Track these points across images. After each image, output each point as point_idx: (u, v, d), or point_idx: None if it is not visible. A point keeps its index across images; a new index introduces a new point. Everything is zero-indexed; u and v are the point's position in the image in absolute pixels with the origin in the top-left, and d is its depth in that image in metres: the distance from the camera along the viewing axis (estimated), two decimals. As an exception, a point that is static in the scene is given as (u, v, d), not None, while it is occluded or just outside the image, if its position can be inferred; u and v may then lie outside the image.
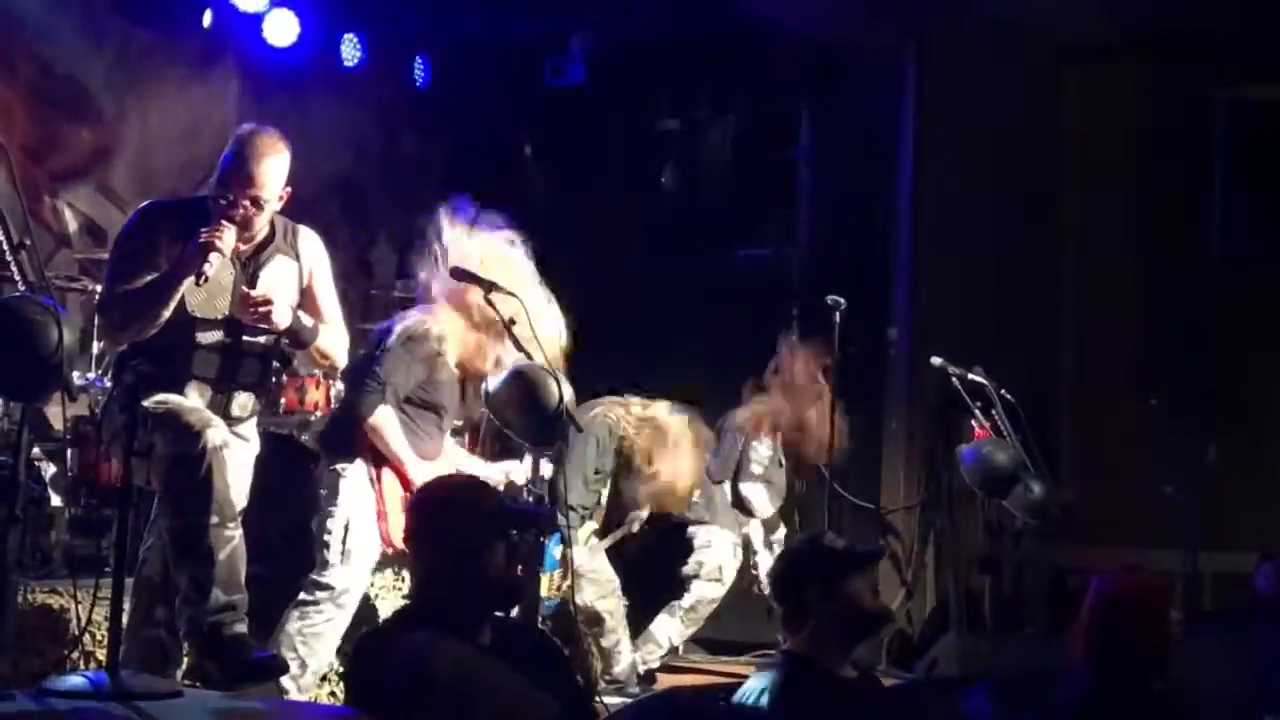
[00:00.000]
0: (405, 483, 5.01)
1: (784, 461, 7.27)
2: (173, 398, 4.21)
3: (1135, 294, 8.63)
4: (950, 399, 7.28)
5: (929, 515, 8.09)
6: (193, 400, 4.28)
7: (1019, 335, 8.18)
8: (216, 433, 4.09)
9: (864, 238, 8.57)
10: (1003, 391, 6.99)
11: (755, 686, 3.77)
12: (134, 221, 4.37)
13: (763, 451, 7.17)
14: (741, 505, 7.18)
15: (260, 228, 4.39)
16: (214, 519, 4.03)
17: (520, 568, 3.57)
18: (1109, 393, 8.50)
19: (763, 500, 7.14)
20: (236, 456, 4.27)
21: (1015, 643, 6.59)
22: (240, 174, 4.26)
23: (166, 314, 4.17)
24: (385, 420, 4.98)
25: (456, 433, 6.03)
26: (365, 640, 3.68)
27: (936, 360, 7.04)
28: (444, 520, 3.48)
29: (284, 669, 4.43)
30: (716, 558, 7.15)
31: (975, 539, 7.45)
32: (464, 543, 3.41)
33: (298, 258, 4.55)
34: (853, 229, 8.62)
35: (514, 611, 4.00)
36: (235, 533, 4.12)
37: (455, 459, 5.35)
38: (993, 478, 6.78)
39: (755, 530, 7.21)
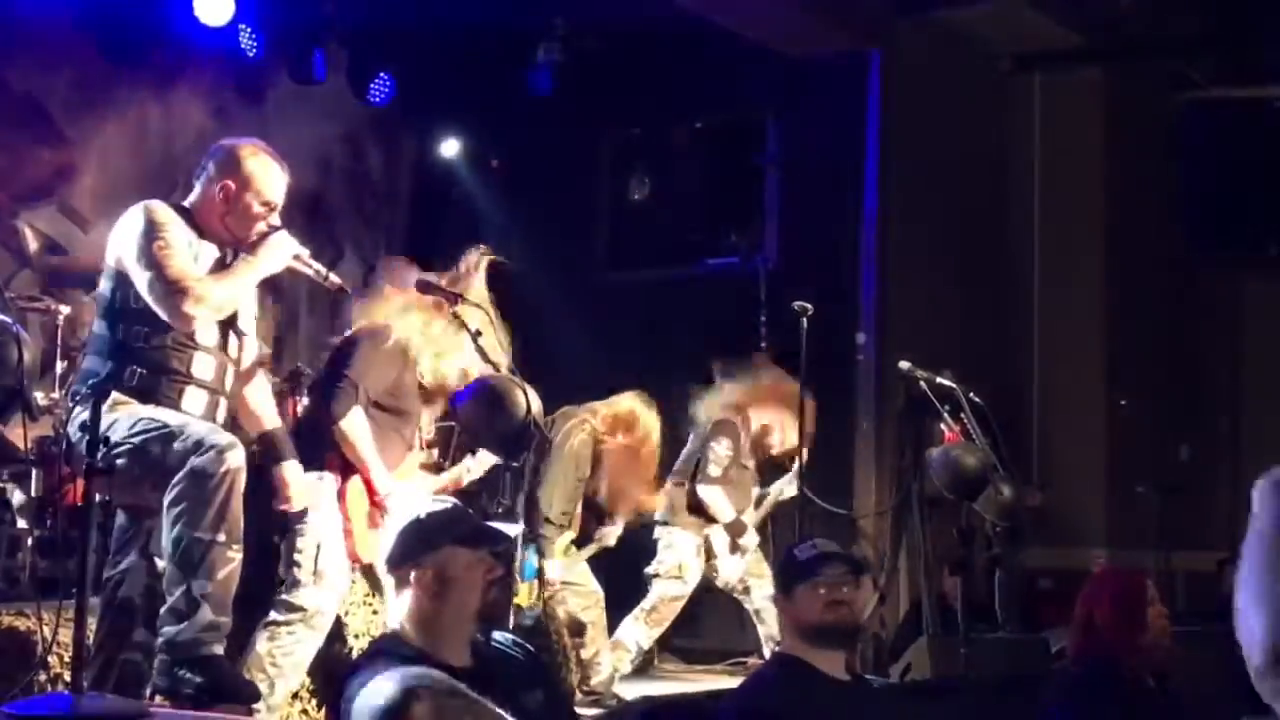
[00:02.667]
0: (371, 491, 4.98)
1: (747, 464, 7.24)
2: (188, 418, 4.20)
3: (1103, 295, 8.68)
4: (919, 403, 7.28)
5: (900, 519, 8.10)
6: (191, 405, 4.27)
7: (987, 338, 8.21)
8: (238, 454, 4.07)
9: (831, 244, 8.59)
10: (971, 394, 6.99)
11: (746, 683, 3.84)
12: (157, 217, 4.30)
13: (720, 452, 7.10)
14: (699, 509, 7.14)
15: None
16: (221, 537, 4.01)
17: (498, 586, 3.55)
18: (1078, 394, 8.55)
19: (721, 503, 7.08)
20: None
21: (988, 645, 6.58)
22: (270, 184, 4.41)
23: None
24: (356, 422, 4.92)
25: (430, 445, 6.00)
26: (348, 675, 3.60)
27: (904, 364, 7.04)
28: (421, 543, 3.45)
29: (257, 698, 4.37)
30: (676, 556, 7.13)
31: (946, 542, 7.45)
32: (442, 564, 3.38)
33: None
34: (820, 236, 8.64)
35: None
36: (237, 556, 4.09)
37: (411, 468, 5.30)
38: (962, 481, 6.77)
39: (717, 534, 7.15)
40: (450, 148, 9.40)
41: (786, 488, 7.24)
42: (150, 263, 4.18)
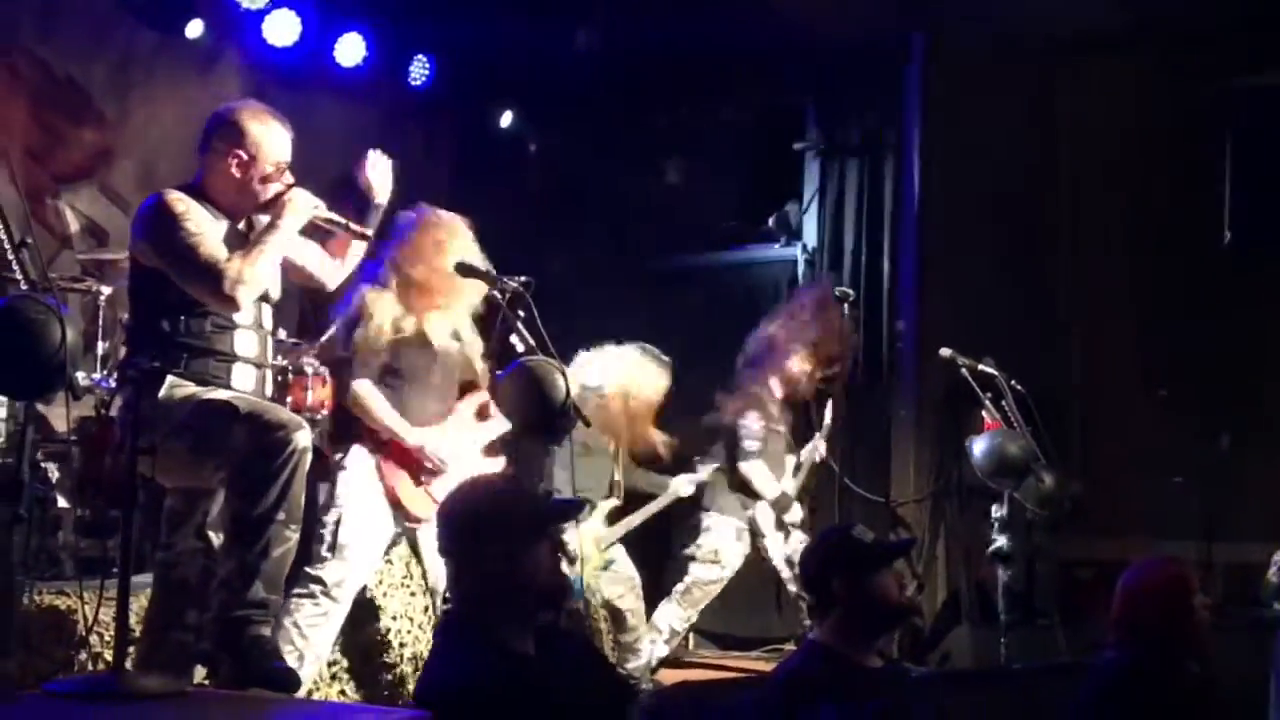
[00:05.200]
0: (407, 457, 5.06)
1: (780, 428, 7.21)
2: (254, 398, 4.23)
3: (1145, 284, 8.58)
4: (959, 391, 7.24)
5: (939, 507, 8.06)
6: (241, 382, 4.29)
7: (1028, 326, 8.14)
8: (304, 435, 4.09)
9: (871, 231, 8.54)
10: (1013, 382, 6.95)
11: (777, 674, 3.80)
12: (176, 208, 4.27)
13: (753, 427, 7.10)
14: (744, 488, 7.12)
15: None
16: (281, 515, 4.02)
17: (562, 565, 3.48)
18: (1119, 383, 8.46)
19: (763, 479, 7.07)
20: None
21: (1027, 635, 6.54)
22: (279, 145, 4.40)
23: None
24: (364, 391, 5.08)
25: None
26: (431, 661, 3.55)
27: (945, 352, 7.00)
28: (484, 529, 3.32)
29: (296, 687, 4.38)
30: (713, 541, 7.14)
31: (985, 531, 7.41)
32: (508, 549, 3.27)
33: None
34: (859, 222, 8.59)
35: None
36: (294, 536, 4.11)
37: (461, 422, 5.35)
38: (1003, 469, 6.73)
39: (763, 512, 7.13)
40: (490, 131, 9.37)
41: (821, 443, 7.19)
42: (180, 254, 4.17)
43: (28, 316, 3.58)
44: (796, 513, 7.15)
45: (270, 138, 4.39)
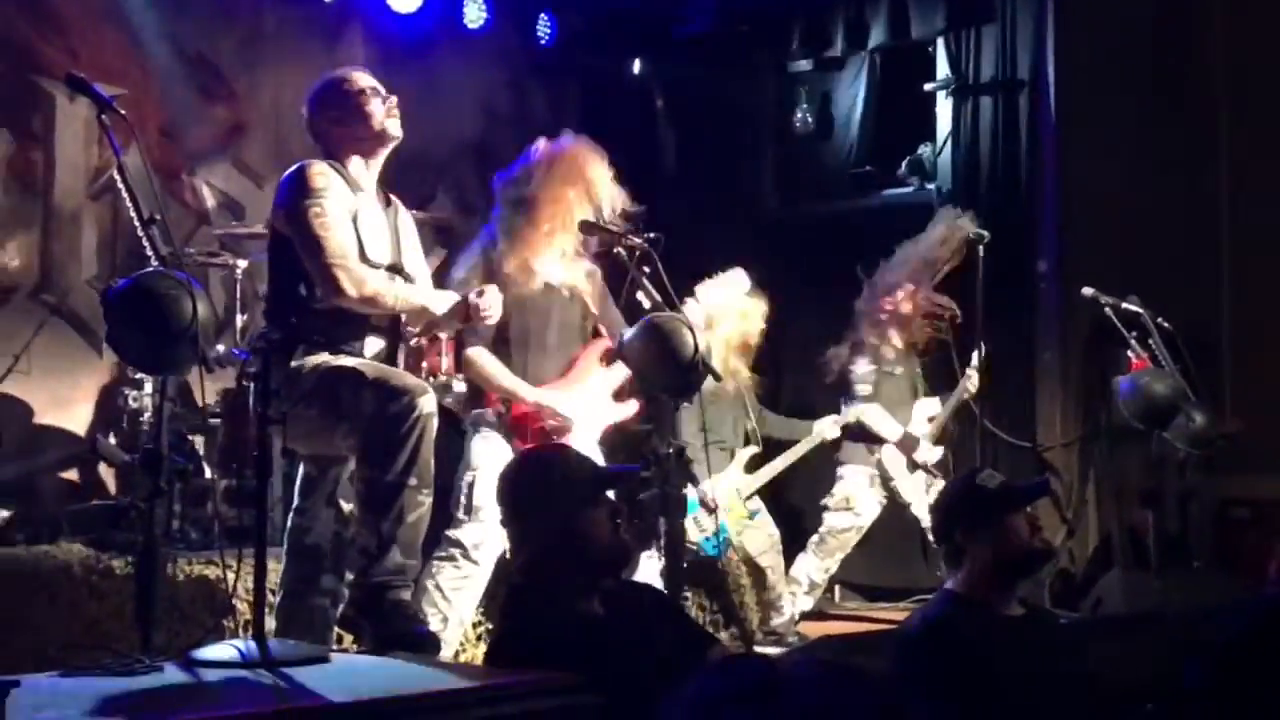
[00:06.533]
0: (531, 418, 5.06)
1: (895, 370, 7.08)
2: (380, 365, 4.26)
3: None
4: (1104, 330, 7.05)
5: (1088, 451, 7.87)
6: (372, 350, 4.33)
7: (1176, 261, 7.88)
8: (429, 399, 4.10)
9: (1007, 170, 8.33)
10: (1159, 319, 6.75)
11: (913, 625, 3.73)
12: (316, 181, 4.30)
13: (861, 370, 7.01)
14: (866, 433, 7.02)
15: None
16: (413, 480, 4.05)
17: (623, 530, 3.46)
18: (1272, 314, 8.15)
19: (880, 420, 6.96)
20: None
21: (1182, 578, 6.37)
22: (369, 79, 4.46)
23: None
24: (477, 356, 5.09)
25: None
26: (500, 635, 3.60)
27: (1088, 291, 6.82)
28: (539, 494, 3.39)
29: (438, 649, 4.42)
30: (845, 489, 7.08)
31: (1136, 473, 7.21)
32: (560, 518, 3.32)
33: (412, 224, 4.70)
34: (995, 161, 8.38)
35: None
36: (427, 500, 4.13)
37: (585, 373, 5.29)
38: (1152, 409, 6.56)
39: (889, 455, 7.02)
40: (615, 87, 9.33)
41: (970, 384, 7.01)
42: (309, 233, 4.22)
43: (159, 292, 3.63)
44: (928, 452, 7.00)
45: (360, 83, 4.45)
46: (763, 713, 1.47)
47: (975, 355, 6.85)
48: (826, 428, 7.00)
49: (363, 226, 4.33)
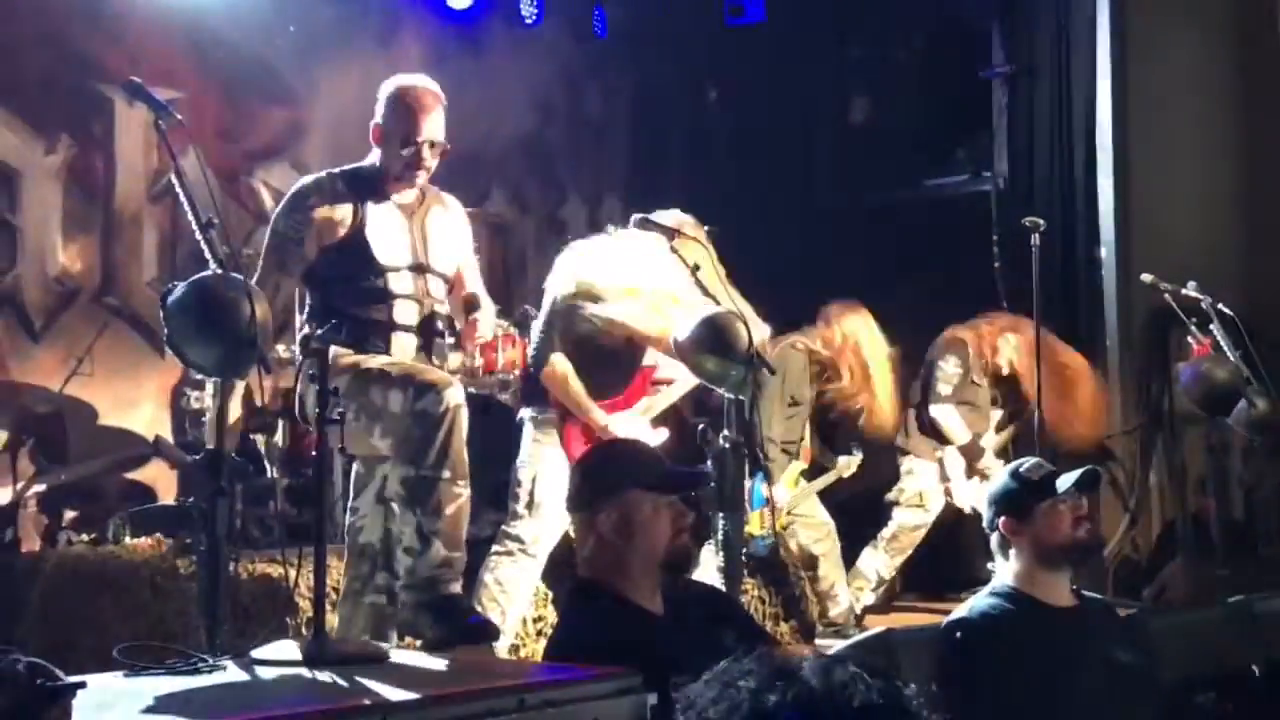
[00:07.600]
0: (588, 430, 5.05)
1: (980, 382, 7.02)
2: (403, 360, 4.30)
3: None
4: (1165, 317, 6.99)
5: (1150, 438, 7.80)
6: (400, 352, 4.35)
7: (1237, 246, 7.79)
8: (456, 392, 4.13)
9: (1065, 157, 8.25)
10: (1220, 305, 6.67)
11: (959, 617, 3.73)
12: (287, 198, 4.42)
13: (949, 370, 6.91)
14: (934, 430, 6.97)
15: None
16: (446, 473, 4.08)
17: (687, 533, 3.44)
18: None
19: (953, 423, 6.90)
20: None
21: (1246, 565, 6.30)
22: (414, 125, 4.39)
23: None
24: (558, 369, 5.06)
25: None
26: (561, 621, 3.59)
27: (1147, 277, 6.76)
28: (610, 483, 3.34)
29: (496, 635, 4.45)
30: (917, 484, 7.03)
31: (1199, 460, 7.14)
32: (622, 515, 3.28)
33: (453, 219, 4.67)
34: (1052, 148, 8.31)
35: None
36: (464, 491, 4.15)
37: (647, 408, 5.31)
38: (1213, 395, 6.49)
39: (951, 457, 6.97)
40: (668, 78, 9.33)
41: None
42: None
43: (217, 295, 3.67)
44: (991, 462, 6.95)
45: (422, 121, 4.42)
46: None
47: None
48: (844, 466, 6.93)
49: (371, 233, 4.36)
